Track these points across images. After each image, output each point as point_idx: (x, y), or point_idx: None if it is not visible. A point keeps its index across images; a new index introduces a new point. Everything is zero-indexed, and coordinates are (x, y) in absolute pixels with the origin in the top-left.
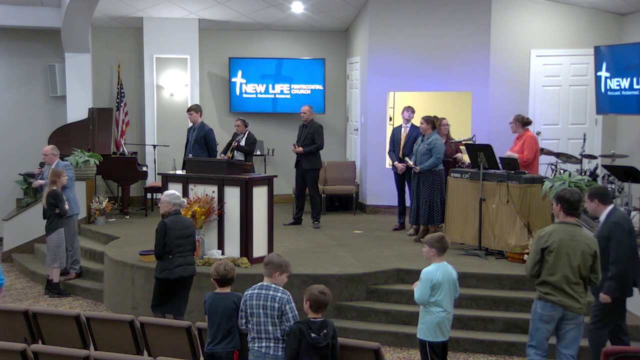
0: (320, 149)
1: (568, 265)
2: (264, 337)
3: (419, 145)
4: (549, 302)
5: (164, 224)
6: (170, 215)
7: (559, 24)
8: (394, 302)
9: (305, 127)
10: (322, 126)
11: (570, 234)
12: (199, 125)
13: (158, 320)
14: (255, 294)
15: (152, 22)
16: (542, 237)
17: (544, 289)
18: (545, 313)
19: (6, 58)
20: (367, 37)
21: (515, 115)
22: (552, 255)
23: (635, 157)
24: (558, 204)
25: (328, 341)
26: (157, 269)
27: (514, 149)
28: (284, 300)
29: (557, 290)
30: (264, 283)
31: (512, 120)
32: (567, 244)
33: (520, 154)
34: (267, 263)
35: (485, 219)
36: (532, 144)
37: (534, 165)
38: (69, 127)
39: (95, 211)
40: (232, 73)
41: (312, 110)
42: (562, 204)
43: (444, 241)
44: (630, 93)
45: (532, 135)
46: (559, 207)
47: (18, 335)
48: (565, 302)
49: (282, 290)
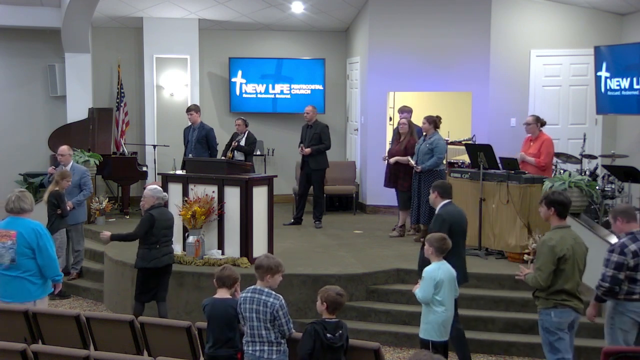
0: (328, 149)
1: (578, 270)
2: (258, 341)
3: (421, 145)
4: (566, 308)
5: (151, 216)
6: (154, 208)
7: (559, 24)
8: (394, 302)
9: (310, 128)
10: (327, 126)
11: (574, 238)
12: (198, 125)
13: (158, 320)
14: (249, 298)
15: (152, 22)
16: (555, 246)
17: (559, 297)
18: (563, 320)
19: (6, 58)
20: (367, 37)
21: (533, 115)
22: (569, 264)
23: (635, 157)
24: (551, 208)
25: (343, 342)
26: (143, 260)
27: (529, 151)
28: (275, 306)
29: (570, 296)
30: (256, 287)
31: (532, 122)
32: (575, 250)
33: (537, 157)
34: (257, 267)
35: (485, 219)
36: (549, 147)
37: (549, 170)
38: (69, 127)
39: (95, 211)
40: (232, 73)
41: (316, 110)
42: (557, 207)
43: (442, 242)
44: (630, 93)
45: (549, 138)
46: (552, 211)
47: (18, 335)
48: (578, 306)
49: (275, 295)
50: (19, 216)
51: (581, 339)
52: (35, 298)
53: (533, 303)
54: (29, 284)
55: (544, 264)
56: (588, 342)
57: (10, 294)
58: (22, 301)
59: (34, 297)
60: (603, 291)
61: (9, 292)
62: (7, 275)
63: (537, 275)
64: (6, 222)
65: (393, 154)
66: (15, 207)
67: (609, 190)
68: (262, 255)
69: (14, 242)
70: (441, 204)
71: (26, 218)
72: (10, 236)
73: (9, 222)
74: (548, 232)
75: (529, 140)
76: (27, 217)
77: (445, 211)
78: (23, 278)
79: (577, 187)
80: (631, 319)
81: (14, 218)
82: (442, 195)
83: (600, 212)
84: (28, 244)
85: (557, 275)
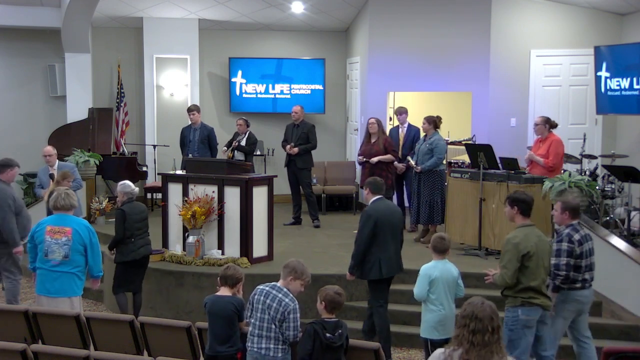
0: (315, 149)
1: (543, 267)
2: (265, 336)
3: (421, 145)
4: (533, 306)
5: (122, 212)
6: (125, 204)
7: (559, 24)
8: (394, 302)
9: (297, 127)
10: (314, 125)
11: (538, 236)
12: (200, 125)
13: (158, 320)
14: (265, 291)
15: (152, 22)
16: (519, 243)
17: (526, 295)
18: (530, 318)
19: (6, 58)
20: (367, 37)
21: (543, 117)
22: (533, 261)
23: (635, 157)
24: (514, 207)
25: (342, 341)
26: (122, 254)
27: (538, 152)
28: (289, 308)
29: (538, 293)
30: (276, 284)
31: (540, 122)
32: (539, 247)
33: (546, 158)
34: (284, 266)
35: (485, 219)
36: (558, 148)
37: (558, 171)
38: (69, 127)
39: (96, 211)
40: (232, 73)
41: (303, 110)
42: (520, 205)
43: (439, 241)
44: (630, 93)
45: (558, 139)
46: (516, 210)
47: (18, 335)
48: (545, 303)
49: (291, 298)
50: (67, 213)
51: None
52: (79, 294)
53: None
54: (77, 279)
55: (509, 262)
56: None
57: (58, 289)
58: (69, 296)
59: (79, 293)
60: (561, 280)
61: (57, 287)
62: (56, 271)
63: (503, 273)
64: (56, 219)
65: (371, 154)
66: (65, 204)
67: (609, 190)
68: (295, 259)
69: (69, 239)
70: (372, 200)
71: (73, 215)
72: (65, 233)
73: (60, 219)
74: (512, 231)
75: (539, 142)
76: (73, 214)
77: (372, 207)
78: (73, 274)
79: (577, 187)
80: (574, 307)
81: (63, 215)
82: (374, 192)
83: (600, 212)
84: (82, 240)
85: (522, 272)
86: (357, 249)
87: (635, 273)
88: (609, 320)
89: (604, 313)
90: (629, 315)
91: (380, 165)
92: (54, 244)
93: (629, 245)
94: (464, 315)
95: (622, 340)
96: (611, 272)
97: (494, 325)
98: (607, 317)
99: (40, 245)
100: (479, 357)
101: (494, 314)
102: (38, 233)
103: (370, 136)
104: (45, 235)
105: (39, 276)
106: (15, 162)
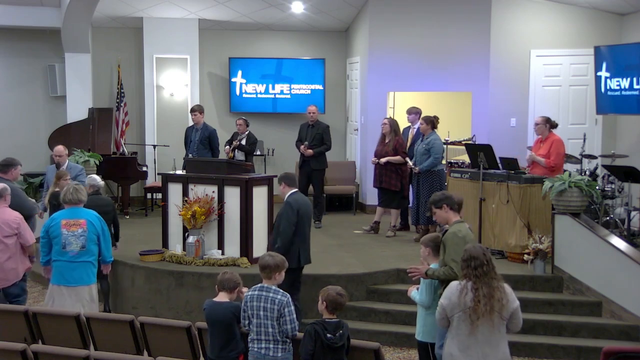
0: (329, 150)
1: None
2: (264, 339)
3: (419, 146)
4: None
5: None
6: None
7: (559, 24)
8: (394, 302)
9: (311, 127)
10: (329, 126)
11: (469, 229)
12: (202, 125)
13: (158, 320)
14: (256, 296)
15: (152, 22)
16: (465, 236)
17: None
18: None
19: (6, 58)
20: (367, 37)
21: (543, 117)
22: None
23: (635, 157)
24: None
25: (344, 342)
26: None
27: (539, 152)
28: (283, 303)
29: None
30: (264, 285)
31: (541, 122)
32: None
33: (547, 158)
34: (264, 267)
35: (485, 219)
36: (559, 147)
37: (560, 171)
38: (69, 127)
39: None
40: (232, 73)
41: (318, 110)
42: (447, 202)
43: (438, 241)
44: (630, 93)
45: (559, 139)
46: (446, 208)
47: (18, 335)
48: None
49: (282, 293)
50: (77, 206)
51: (581, 339)
52: (95, 281)
53: (533, 303)
54: (92, 267)
55: (458, 255)
56: (588, 342)
57: (77, 279)
58: (87, 284)
59: (94, 280)
60: None
61: (76, 277)
62: (74, 262)
63: (454, 266)
64: (69, 212)
65: (382, 154)
66: (74, 198)
67: (609, 190)
68: (265, 256)
69: (84, 230)
70: (289, 193)
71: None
72: (80, 224)
73: (73, 212)
74: (451, 227)
75: (539, 142)
76: (82, 207)
77: (293, 199)
78: (89, 262)
79: (577, 187)
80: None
81: (75, 208)
82: (289, 185)
83: (600, 212)
84: (96, 230)
85: None
86: (284, 239)
87: (635, 273)
88: (609, 320)
89: (604, 313)
90: (629, 315)
91: (390, 167)
92: (71, 236)
93: (629, 245)
94: (464, 259)
95: (622, 340)
96: (611, 272)
97: (487, 258)
98: (607, 317)
99: (57, 239)
100: (484, 284)
101: (484, 250)
102: (53, 227)
103: (385, 137)
104: (62, 228)
105: (56, 268)
106: (17, 161)
